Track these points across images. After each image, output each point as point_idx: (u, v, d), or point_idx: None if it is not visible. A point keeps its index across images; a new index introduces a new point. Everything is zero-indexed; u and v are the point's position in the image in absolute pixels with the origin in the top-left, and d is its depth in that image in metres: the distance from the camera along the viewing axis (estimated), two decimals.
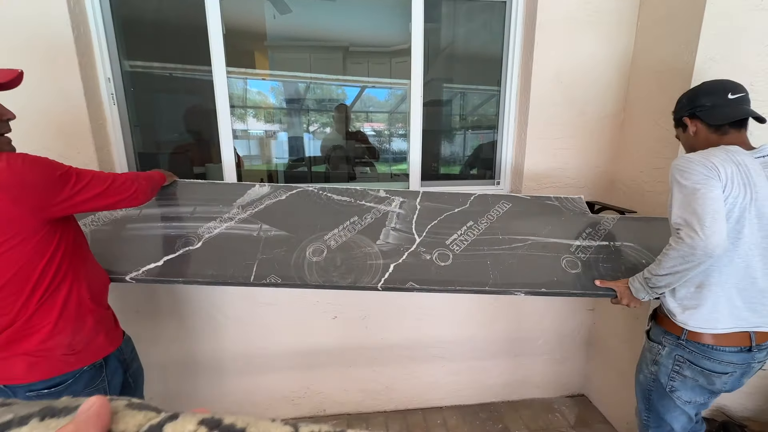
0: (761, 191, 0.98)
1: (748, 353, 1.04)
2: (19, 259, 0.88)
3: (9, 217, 0.84)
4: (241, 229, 1.28)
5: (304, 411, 1.98)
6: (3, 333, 0.90)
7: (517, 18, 1.74)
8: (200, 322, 1.78)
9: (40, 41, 1.42)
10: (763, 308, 1.04)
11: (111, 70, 1.61)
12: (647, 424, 1.22)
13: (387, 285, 1.10)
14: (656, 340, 1.16)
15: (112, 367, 1.08)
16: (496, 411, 2.02)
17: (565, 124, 1.75)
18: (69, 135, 1.50)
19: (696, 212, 0.93)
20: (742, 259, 1.01)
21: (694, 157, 1.00)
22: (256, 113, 2.93)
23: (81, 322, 0.99)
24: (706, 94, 1.09)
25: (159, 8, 1.77)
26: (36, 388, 0.95)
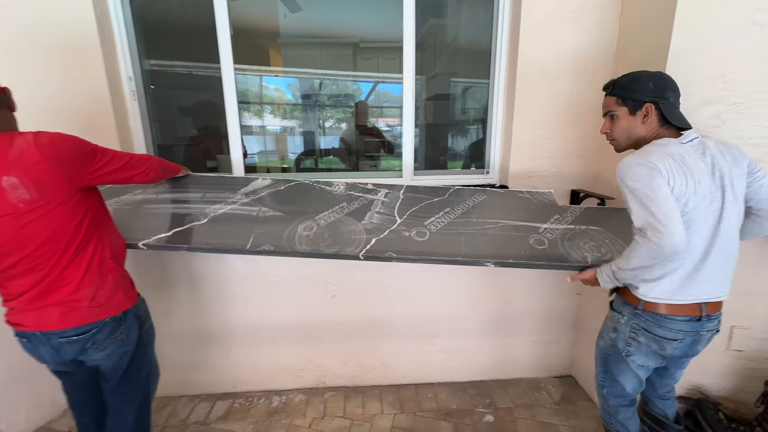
0: (698, 173, 1.06)
1: (697, 322, 1.13)
2: (56, 221, 1.05)
3: (50, 183, 1.01)
4: (243, 210, 1.46)
5: (306, 383, 2.15)
6: (38, 285, 1.07)
7: (504, 13, 1.83)
8: (211, 298, 1.97)
9: (70, 44, 1.62)
10: (717, 280, 1.12)
11: (132, 69, 1.79)
12: (603, 384, 1.33)
13: (368, 254, 1.24)
14: (617, 309, 1.25)
15: (129, 321, 1.24)
16: (485, 388, 2.14)
17: (551, 116, 1.84)
18: (95, 128, 1.70)
19: (654, 215, 1.01)
20: (698, 237, 1.09)
21: (633, 160, 1.07)
22: (273, 109, 3.10)
23: (103, 278, 1.16)
24: (672, 89, 1.15)
25: (174, 10, 1.94)
26: (67, 335, 1.12)
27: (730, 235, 1.11)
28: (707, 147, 1.11)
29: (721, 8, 1.40)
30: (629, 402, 1.33)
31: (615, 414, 1.34)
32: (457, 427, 1.87)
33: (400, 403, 2.03)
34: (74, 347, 1.15)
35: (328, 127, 3.37)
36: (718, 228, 1.09)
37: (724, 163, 1.09)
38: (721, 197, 1.09)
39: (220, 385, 2.10)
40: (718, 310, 1.17)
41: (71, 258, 1.10)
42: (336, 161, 2.93)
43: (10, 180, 0.97)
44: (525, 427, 1.86)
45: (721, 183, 1.08)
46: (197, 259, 1.91)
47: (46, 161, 1.00)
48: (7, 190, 0.97)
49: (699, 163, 1.07)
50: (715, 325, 1.18)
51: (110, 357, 1.22)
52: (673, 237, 0.99)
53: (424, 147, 2.64)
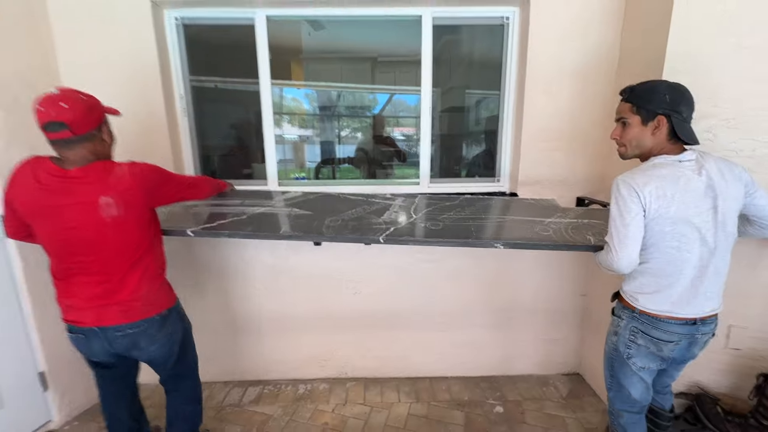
0: (690, 194, 1.12)
1: (692, 326, 1.20)
2: (129, 233, 1.28)
3: (135, 205, 1.26)
4: (278, 211, 1.70)
5: (329, 373, 2.33)
6: (103, 285, 1.29)
7: (512, 36, 2.01)
8: (244, 293, 2.18)
9: (134, 68, 1.88)
10: (711, 295, 1.19)
11: (183, 88, 2.05)
12: (610, 387, 1.41)
13: (388, 238, 1.43)
14: (617, 314, 1.34)
15: (173, 317, 1.47)
16: (496, 382, 2.28)
17: (556, 129, 2.00)
18: (153, 138, 1.96)
19: (613, 237, 1.16)
20: (686, 258, 1.15)
21: (622, 179, 1.15)
22: (291, 119, 3.32)
23: (153, 283, 1.39)
24: (686, 104, 1.16)
25: (216, 32, 2.17)
26: (123, 329, 1.33)
27: (722, 252, 1.17)
28: (704, 166, 1.15)
29: (712, 33, 1.55)
30: (637, 409, 1.36)
31: (618, 417, 1.40)
32: (468, 416, 2.01)
33: (416, 394, 2.19)
34: (126, 340, 1.35)
35: (344, 136, 3.58)
36: (712, 246, 1.15)
37: (721, 183, 1.13)
38: (713, 217, 1.14)
39: (252, 373, 2.30)
40: (713, 316, 1.24)
41: (135, 262, 1.32)
42: (352, 169, 3.13)
43: (107, 200, 1.21)
44: (533, 418, 1.99)
45: (714, 203, 1.13)
46: (232, 257, 2.13)
47: (137, 188, 1.25)
48: (102, 207, 1.21)
49: (692, 184, 1.12)
50: (711, 329, 1.25)
51: (162, 347, 1.44)
52: (619, 261, 1.15)
53: (439, 157, 2.82)
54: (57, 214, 1.20)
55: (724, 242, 1.18)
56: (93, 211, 1.20)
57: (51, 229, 1.23)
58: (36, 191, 1.19)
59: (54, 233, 1.23)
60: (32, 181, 1.19)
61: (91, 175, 1.21)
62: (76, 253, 1.25)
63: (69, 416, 1.98)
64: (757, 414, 1.61)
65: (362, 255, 2.14)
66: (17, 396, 1.78)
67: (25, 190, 1.20)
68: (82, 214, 1.20)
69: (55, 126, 1.15)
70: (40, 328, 1.82)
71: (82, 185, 1.20)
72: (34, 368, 1.84)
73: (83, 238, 1.23)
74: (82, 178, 1.20)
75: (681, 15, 1.54)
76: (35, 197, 1.20)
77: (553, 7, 1.86)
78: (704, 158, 1.18)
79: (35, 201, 1.20)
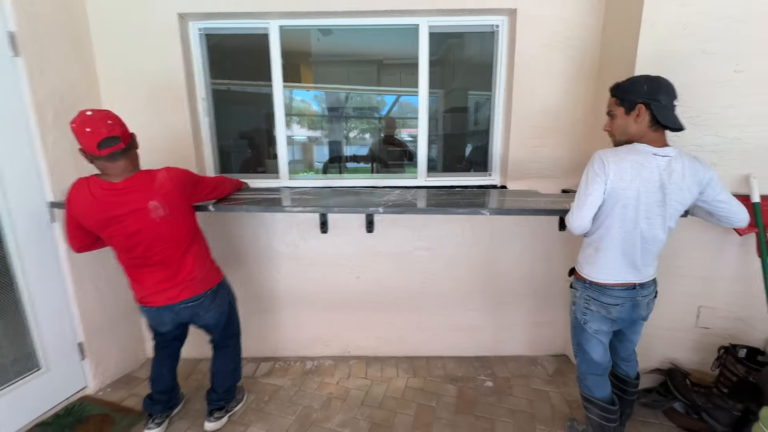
0: (646, 184, 1.28)
1: (633, 290, 1.41)
2: (177, 226, 1.54)
3: (176, 203, 1.52)
4: (287, 196, 1.96)
5: (334, 351, 2.54)
6: (167, 271, 1.56)
7: (502, 43, 2.20)
8: (259, 276, 2.41)
9: (163, 75, 2.12)
10: (640, 268, 1.39)
11: (205, 91, 2.28)
12: (576, 353, 1.61)
13: (385, 210, 1.70)
14: (574, 287, 1.55)
15: (223, 291, 1.78)
16: (487, 362, 2.46)
17: (542, 127, 2.18)
18: (178, 138, 2.19)
19: (576, 199, 1.37)
20: (626, 231, 1.34)
21: (599, 154, 1.31)
22: (300, 120, 3.54)
23: (204, 262, 1.68)
24: (665, 93, 1.27)
25: (234, 39, 2.40)
26: (185, 303, 1.62)
27: (659, 238, 1.36)
28: (672, 165, 1.29)
29: (676, 40, 1.72)
30: (600, 372, 1.55)
31: (584, 379, 1.59)
32: (461, 389, 2.20)
33: (413, 370, 2.39)
34: (189, 311, 1.65)
35: (352, 137, 3.78)
36: (649, 232, 1.33)
37: (675, 184, 1.28)
38: (659, 208, 1.31)
39: (264, 350, 2.53)
40: (651, 281, 1.45)
41: (186, 250, 1.60)
42: (360, 168, 3.32)
43: (154, 204, 1.46)
44: (520, 392, 2.18)
45: (663, 199, 1.30)
46: (251, 246, 2.35)
47: (176, 190, 1.51)
48: (151, 210, 1.46)
49: (653, 177, 1.28)
50: (650, 292, 1.46)
51: (215, 316, 1.74)
52: (573, 221, 1.38)
53: (442, 155, 3.00)
54: (118, 223, 1.44)
55: (662, 231, 1.36)
56: (145, 215, 1.45)
57: (116, 235, 1.48)
58: (96, 207, 1.42)
59: (119, 238, 1.48)
60: (91, 198, 1.42)
61: (136, 185, 1.44)
62: (138, 249, 1.51)
63: (102, 383, 2.22)
64: (718, 383, 1.77)
65: (364, 243, 2.35)
66: (60, 362, 2.02)
67: (87, 208, 1.43)
68: (138, 219, 1.45)
69: (111, 141, 1.37)
70: (80, 304, 2.07)
71: (131, 194, 1.43)
72: (74, 339, 2.08)
73: (143, 238, 1.48)
74: (130, 188, 1.43)
75: (649, 24, 1.72)
76: (96, 212, 1.43)
77: (538, 16, 2.05)
78: (679, 158, 1.31)
79: (98, 216, 1.43)
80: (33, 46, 1.79)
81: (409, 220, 2.30)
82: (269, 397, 2.14)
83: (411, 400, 2.11)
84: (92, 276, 2.12)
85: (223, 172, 2.44)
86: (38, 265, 1.89)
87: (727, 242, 1.88)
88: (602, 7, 2.02)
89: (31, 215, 1.85)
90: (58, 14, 1.91)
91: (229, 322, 1.86)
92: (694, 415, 1.81)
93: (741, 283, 1.90)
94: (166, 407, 1.89)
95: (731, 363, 1.73)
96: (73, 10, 2.00)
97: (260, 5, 2.07)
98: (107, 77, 2.12)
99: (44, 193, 1.89)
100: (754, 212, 1.72)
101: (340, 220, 2.30)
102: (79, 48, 2.02)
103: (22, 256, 1.83)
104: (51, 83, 1.87)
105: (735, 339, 1.93)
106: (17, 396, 1.86)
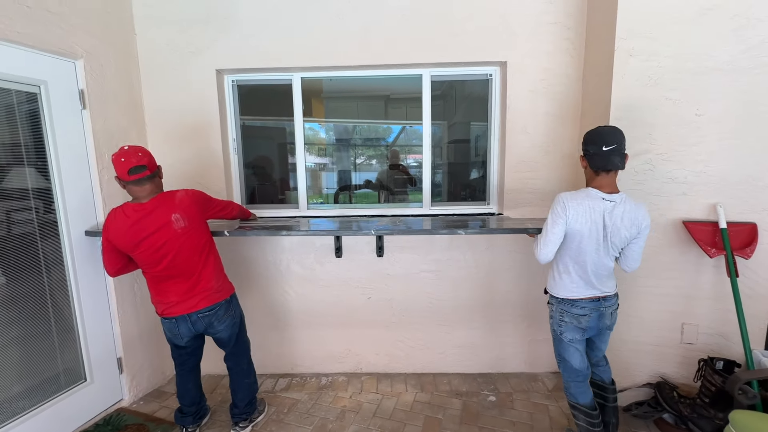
0: (595, 223, 1.57)
1: (597, 302, 1.67)
2: (196, 238, 1.79)
3: (194, 217, 1.77)
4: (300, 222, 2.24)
5: (347, 368, 2.72)
6: (188, 282, 1.79)
7: (495, 88, 2.52)
8: (277, 297, 2.64)
9: (200, 117, 2.46)
10: (598, 285, 1.66)
11: (235, 131, 2.61)
12: (558, 363, 1.82)
13: (377, 232, 2.02)
14: (550, 302, 1.80)
15: (234, 303, 1.98)
16: (491, 378, 2.62)
17: (533, 161, 2.45)
18: (210, 171, 2.50)
19: (542, 235, 1.65)
20: (583, 262, 1.62)
21: (561, 197, 1.60)
22: (309, 148, 3.84)
23: (219, 274, 1.90)
24: (589, 143, 1.59)
25: (259, 82, 2.75)
26: (202, 312, 1.83)
27: (608, 262, 1.63)
28: (616, 209, 1.56)
29: (643, 89, 2.00)
30: (581, 378, 1.75)
31: (568, 387, 1.79)
32: (465, 403, 2.36)
33: (420, 386, 2.55)
34: (204, 321, 1.85)
35: (359, 163, 4.06)
36: (598, 259, 1.62)
37: (614, 225, 1.56)
38: (603, 243, 1.59)
39: (282, 367, 2.72)
40: (612, 295, 1.70)
41: (205, 261, 1.83)
42: (368, 194, 3.58)
43: (176, 216, 1.72)
44: (521, 405, 2.33)
45: (604, 235, 1.58)
46: (270, 268, 2.60)
47: (193, 205, 1.78)
48: (173, 222, 1.72)
49: (599, 218, 1.57)
50: (613, 304, 1.71)
51: (228, 327, 1.93)
52: (539, 254, 1.66)
53: (446, 183, 3.25)
54: (148, 240, 1.70)
55: (608, 260, 1.64)
56: (169, 228, 1.71)
57: (147, 253, 1.72)
58: (129, 228, 1.68)
59: (148, 252, 1.72)
60: (124, 218, 1.69)
61: (160, 201, 1.72)
62: (164, 262, 1.74)
63: (136, 397, 2.42)
64: (701, 394, 1.92)
65: (375, 266, 2.59)
66: (102, 375, 2.25)
67: (122, 228, 1.69)
68: (164, 234, 1.71)
69: (139, 168, 1.67)
70: (121, 322, 2.31)
71: (156, 210, 1.70)
72: (114, 354, 2.31)
73: (168, 250, 1.73)
74: (156, 206, 1.71)
75: (619, 75, 2.01)
76: (130, 233, 1.69)
77: (525, 67, 2.36)
78: (623, 203, 1.57)
79: (131, 237, 1.69)
80: (98, 100, 2.14)
81: (416, 245, 2.54)
82: (288, 410, 2.32)
83: (419, 413, 2.28)
84: (131, 296, 2.37)
85: (249, 202, 2.73)
86: (89, 284, 2.16)
87: (702, 263, 2.08)
88: (581, 60, 2.33)
89: (86, 239, 2.13)
90: (119, 74, 2.27)
91: (239, 336, 2.02)
92: (681, 425, 1.96)
93: (719, 301, 2.08)
94: (196, 418, 2.08)
95: (710, 374, 1.90)
96: (131, 70, 2.36)
97: (285, 62, 2.42)
98: (153, 123, 2.46)
99: (98, 220, 2.18)
100: (722, 237, 1.94)
101: (354, 246, 2.55)
102: (132, 100, 2.38)
103: (77, 275, 2.10)
104: (109, 130, 2.21)
105: (716, 353, 2.10)
106: (65, 405, 2.07)
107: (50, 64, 1.94)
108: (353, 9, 2.36)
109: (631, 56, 1.98)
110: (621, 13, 1.95)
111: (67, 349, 2.12)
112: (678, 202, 2.05)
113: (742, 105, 1.94)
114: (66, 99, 2.02)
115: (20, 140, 1.88)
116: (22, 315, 1.92)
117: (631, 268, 1.71)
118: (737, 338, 2.04)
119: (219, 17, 2.38)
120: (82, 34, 2.05)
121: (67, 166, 2.03)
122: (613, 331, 1.81)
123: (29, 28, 1.82)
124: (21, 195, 1.90)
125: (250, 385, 2.10)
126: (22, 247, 1.90)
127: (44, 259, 1.99)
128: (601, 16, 2.12)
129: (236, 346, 2.02)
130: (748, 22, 1.88)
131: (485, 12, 2.33)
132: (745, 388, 1.66)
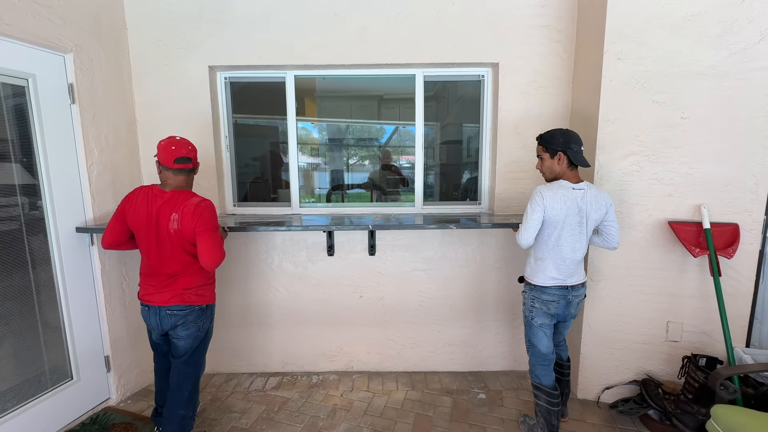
0: (570, 210, 1.72)
1: (566, 290, 1.80)
2: (189, 247, 1.73)
3: (190, 224, 1.69)
4: (292, 219, 2.23)
5: (338, 366, 2.72)
6: (171, 278, 1.75)
7: (487, 89, 2.55)
8: (268, 296, 2.63)
9: (193, 115, 2.44)
10: (569, 273, 1.79)
11: (227, 129, 2.60)
12: (528, 348, 1.94)
13: (374, 227, 2.07)
14: (524, 290, 1.92)
15: (208, 313, 1.87)
16: (481, 376, 2.65)
17: (524, 162, 2.48)
18: (202, 169, 2.47)
19: (523, 224, 1.78)
20: (559, 247, 1.75)
21: (538, 190, 1.74)
22: (302, 148, 3.82)
23: (203, 281, 1.82)
24: (575, 142, 1.74)
25: (252, 81, 2.74)
26: (172, 309, 1.76)
27: (582, 248, 1.78)
28: (585, 195, 1.74)
29: (631, 92, 2.04)
30: (547, 362, 1.87)
31: (534, 369, 1.91)
32: (455, 400, 2.38)
33: (411, 384, 2.57)
34: (171, 320, 1.77)
35: (352, 164, 4.06)
36: (575, 244, 1.76)
37: (589, 207, 1.75)
38: (579, 227, 1.74)
39: (272, 366, 2.71)
40: (580, 284, 1.83)
41: (190, 267, 1.77)
42: (360, 195, 3.58)
43: (174, 215, 1.69)
44: (510, 402, 2.36)
45: (580, 219, 1.74)
46: (263, 266, 2.59)
47: (192, 218, 1.67)
48: (171, 221, 1.69)
49: (574, 204, 1.73)
50: (580, 294, 1.84)
51: (188, 337, 1.80)
52: (521, 240, 1.78)
53: (439, 183, 3.27)
54: (154, 221, 1.70)
55: (583, 243, 1.78)
56: (166, 224, 1.70)
57: (146, 234, 1.72)
58: (144, 203, 1.71)
59: (148, 237, 1.72)
60: (144, 195, 1.72)
61: (175, 197, 1.71)
62: (153, 254, 1.74)
63: (123, 396, 2.39)
64: (684, 390, 1.97)
65: (367, 265, 2.59)
66: (89, 373, 2.22)
67: (138, 202, 1.72)
68: (162, 226, 1.70)
69: (184, 159, 1.72)
70: (109, 320, 2.28)
71: (169, 202, 1.70)
72: (102, 352, 2.28)
73: (161, 244, 1.72)
74: (170, 198, 1.71)
75: (608, 78, 2.05)
76: (142, 208, 1.71)
77: (516, 69, 2.40)
78: (589, 189, 1.77)
79: (142, 211, 1.70)
80: (87, 95, 2.11)
81: (408, 244, 2.56)
82: (278, 408, 2.32)
83: (410, 411, 2.29)
84: (119, 294, 2.35)
85: (242, 200, 2.72)
86: (77, 282, 2.13)
87: (687, 263, 2.13)
88: (571, 62, 2.37)
89: (74, 236, 2.10)
90: (110, 68, 2.25)
91: (196, 352, 1.84)
92: (666, 421, 2.00)
93: (703, 300, 2.14)
94: None
95: (693, 371, 1.94)
96: (122, 65, 2.34)
97: (279, 59, 2.41)
98: (144, 119, 2.44)
99: (86, 217, 2.15)
100: (706, 237, 1.99)
101: (346, 244, 2.55)
102: (123, 96, 2.35)
103: (64, 272, 2.06)
104: (99, 126, 2.18)
105: (700, 351, 2.15)
106: (52, 403, 2.04)
107: (39, 57, 1.91)
108: (349, 8, 2.37)
109: (620, 59, 2.02)
110: (610, 17, 1.99)
111: (54, 347, 2.09)
112: (664, 202, 2.10)
113: (726, 109, 1.99)
114: (55, 93, 1.99)
115: (7, 135, 1.85)
116: (7, 312, 1.89)
117: (614, 243, 1.87)
118: (720, 336, 2.10)
119: (212, 12, 2.37)
120: (72, 28, 2.03)
121: (55, 162, 2.00)
122: (600, 330, 1.86)
123: (18, 20, 1.79)
124: (7, 191, 1.86)
125: (183, 419, 1.82)
126: (8, 244, 1.87)
127: (31, 256, 1.95)
128: (591, 20, 2.16)
129: (187, 363, 1.82)
130: (732, 28, 1.94)
131: (478, 14, 2.36)
132: (726, 384, 1.70)
